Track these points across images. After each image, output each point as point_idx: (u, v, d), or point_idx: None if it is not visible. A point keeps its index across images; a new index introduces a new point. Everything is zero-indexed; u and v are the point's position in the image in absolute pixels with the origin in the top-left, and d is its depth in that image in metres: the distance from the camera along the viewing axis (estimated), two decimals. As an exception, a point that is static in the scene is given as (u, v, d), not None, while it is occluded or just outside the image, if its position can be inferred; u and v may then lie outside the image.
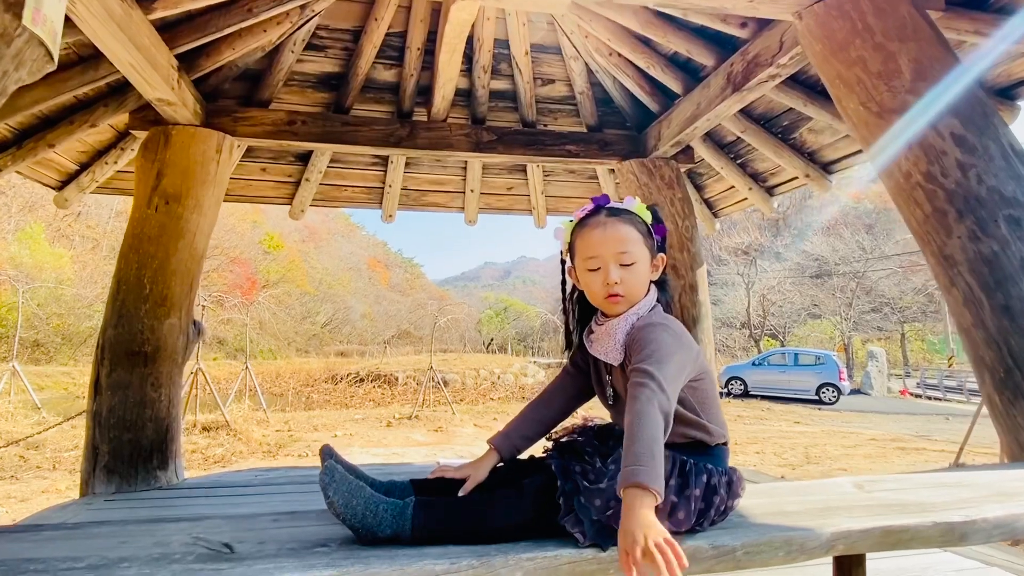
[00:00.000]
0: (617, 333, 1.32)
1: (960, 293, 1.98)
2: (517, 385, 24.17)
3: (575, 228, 1.42)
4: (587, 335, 1.44)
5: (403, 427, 10.82)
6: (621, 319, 1.33)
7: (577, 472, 1.22)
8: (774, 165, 4.15)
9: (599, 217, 1.37)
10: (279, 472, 3.97)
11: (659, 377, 1.14)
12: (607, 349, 1.34)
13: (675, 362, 1.19)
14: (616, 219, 1.36)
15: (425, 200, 4.72)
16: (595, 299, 1.37)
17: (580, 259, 1.38)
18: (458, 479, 1.36)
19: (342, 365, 30.11)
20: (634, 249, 1.34)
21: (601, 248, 1.33)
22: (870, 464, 8.06)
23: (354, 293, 54.45)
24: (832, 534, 1.23)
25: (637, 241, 1.35)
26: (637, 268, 1.33)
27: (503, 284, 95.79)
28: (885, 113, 2.08)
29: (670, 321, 1.31)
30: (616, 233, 1.33)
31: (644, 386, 1.13)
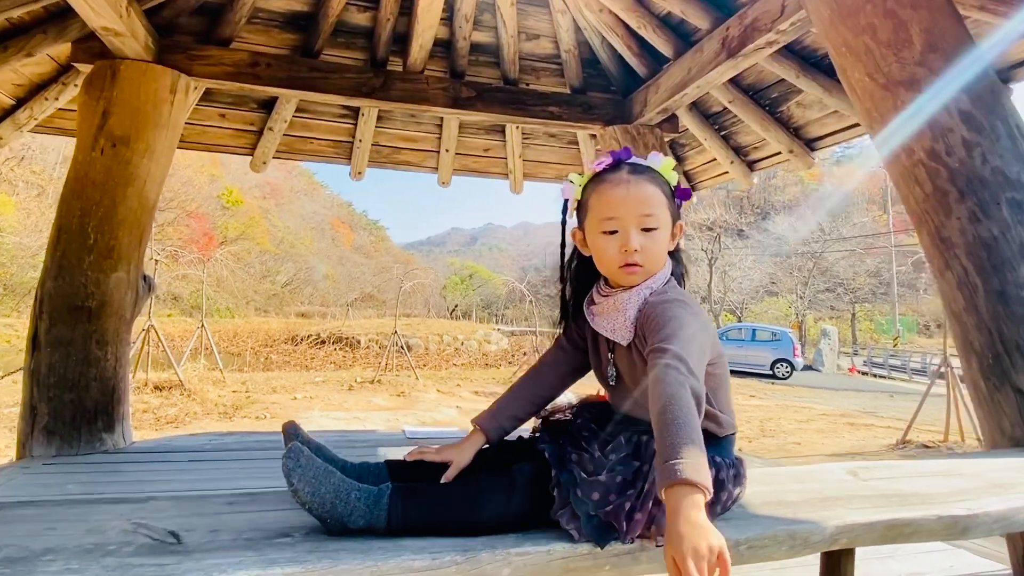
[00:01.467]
0: (627, 308, 1.19)
1: (954, 276, 1.92)
2: (480, 352, 24.20)
3: (588, 183, 1.27)
4: (587, 306, 1.31)
5: (365, 391, 10.67)
6: (633, 292, 1.20)
7: (573, 461, 1.11)
8: (758, 139, 4.06)
9: (620, 173, 1.21)
10: (235, 437, 3.80)
11: (687, 358, 1.01)
12: (614, 325, 1.21)
13: (697, 343, 1.07)
14: (641, 177, 1.20)
15: (397, 158, 4.49)
16: (607, 266, 1.22)
17: (593, 219, 1.22)
18: (438, 463, 1.24)
19: (303, 326, 29.61)
20: (658, 212, 1.19)
21: (622, 208, 1.17)
22: (823, 439, 8.29)
23: (316, 253, 53.39)
24: (836, 527, 1.16)
25: (661, 204, 1.20)
26: (659, 235, 1.19)
27: (469, 250, 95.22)
28: (892, 85, 1.98)
29: (687, 297, 1.18)
30: (640, 192, 1.18)
31: (672, 368, 0.99)
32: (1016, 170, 1.84)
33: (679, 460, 0.88)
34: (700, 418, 0.99)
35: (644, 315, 1.16)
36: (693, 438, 0.92)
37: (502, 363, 21.21)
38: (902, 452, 7.39)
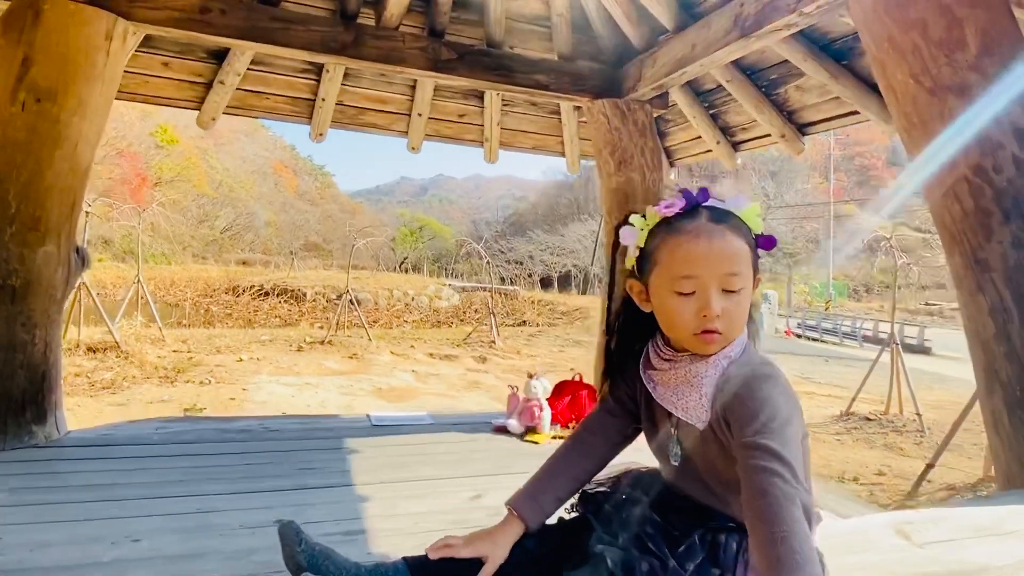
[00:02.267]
0: (703, 383, 1.00)
1: (987, 301, 1.82)
2: (431, 308, 23.92)
3: (656, 228, 1.05)
4: (644, 369, 1.11)
5: (315, 352, 10.31)
6: (709, 364, 1.01)
7: (644, 572, 0.93)
8: (747, 120, 3.89)
9: (699, 222, 1.00)
10: (184, 425, 3.49)
11: (791, 460, 0.85)
12: (687, 404, 1.02)
13: (797, 434, 0.90)
14: (724, 227, 1.00)
15: (362, 120, 4.10)
16: (679, 332, 1.03)
17: (663, 276, 1.02)
18: (468, 558, 1.04)
19: (244, 275, 28.45)
20: (743, 271, 1.00)
21: (702, 266, 0.98)
22: (771, 408, 8.55)
23: (258, 199, 51.08)
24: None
25: (746, 260, 1.01)
26: (742, 297, 1.00)
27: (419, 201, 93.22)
28: (940, 90, 1.82)
29: (774, 370, 0.99)
30: (725, 248, 0.99)
31: (775, 474, 0.83)
32: (1065, 194, 1.72)
33: None
34: (815, 538, 0.83)
35: (727, 394, 0.97)
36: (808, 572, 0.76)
37: (454, 320, 21.04)
38: (845, 423, 7.70)
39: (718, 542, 0.95)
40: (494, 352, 11.75)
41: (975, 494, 5.17)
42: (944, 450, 5.13)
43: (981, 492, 5.15)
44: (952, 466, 5.73)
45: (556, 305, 25.58)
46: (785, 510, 0.81)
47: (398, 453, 3.21)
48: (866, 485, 5.39)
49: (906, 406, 7.67)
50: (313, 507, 2.47)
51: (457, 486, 2.78)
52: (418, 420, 3.88)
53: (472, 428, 3.74)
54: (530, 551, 1.08)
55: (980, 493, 5.15)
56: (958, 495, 5.17)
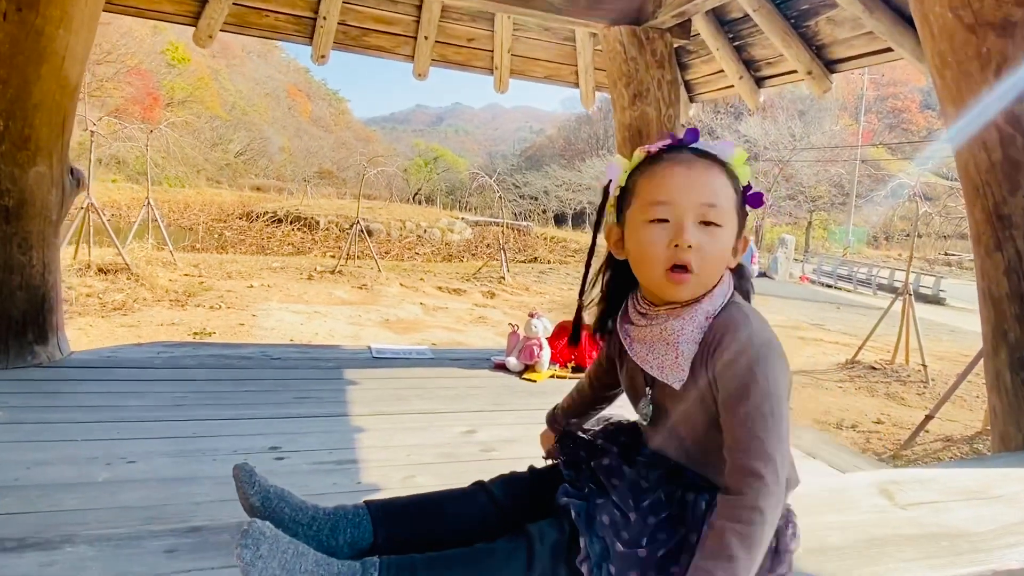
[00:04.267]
0: (679, 341, 0.94)
1: (1004, 259, 1.73)
2: (443, 241, 23.87)
3: (640, 165, 0.98)
4: (621, 323, 1.06)
5: (325, 282, 10.37)
6: (686, 320, 0.94)
7: (606, 524, 0.91)
8: (773, 54, 3.66)
9: (682, 154, 0.94)
10: (186, 349, 3.53)
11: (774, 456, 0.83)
12: (662, 362, 0.96)
13: (786, 414, 0.86)
14: (707, 161, 0.94)
15: (366, 41, 3.91)
16: (648, 269, 0.95)
17: (638, 206, 0.95)
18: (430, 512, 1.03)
19: (258, 201, 28.44)
20: (725, 205, 0.93)
21: (680, 193, 0.91)
22: (777, 354, 8.54)
23: (271, 123, 50.40)
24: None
25: (728, 199, 0.94)
26: (722, 235, 0.93)
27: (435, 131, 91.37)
28: (980, 27, 1.66)
29: (769, 332, 0.92)
30: (705, 177, 0.92)
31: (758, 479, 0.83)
32: (1104, 146, 1.59)
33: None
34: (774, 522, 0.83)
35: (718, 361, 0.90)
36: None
37: (465, 255, 21.03)
38: (850, 372, 7.69)
39: (686, 500, 0.92)
40: (503, 288, 11.76)
41: (971, 447, 5.18)
42: (945, 402, 5.11)
43: (977, 445, 5.17)
44: (952, 418, 5.73)
45: (569, 243, 25.42)
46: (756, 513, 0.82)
47: (397, 386, 3.24)
48: (863, 433, 5.41)
49: (913, 356, 7.62)
50: (307, 435, 2.51)
51: (452, 420, 2.81)
52: (418, 353, 3.90)
53: (471, 364, 3.76)
54: (497, 499, 1.06)
55: (976, 446, 5.17)
56: (954, 447, 5.20)
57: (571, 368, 3.70)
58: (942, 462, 4.45)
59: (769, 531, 0.83)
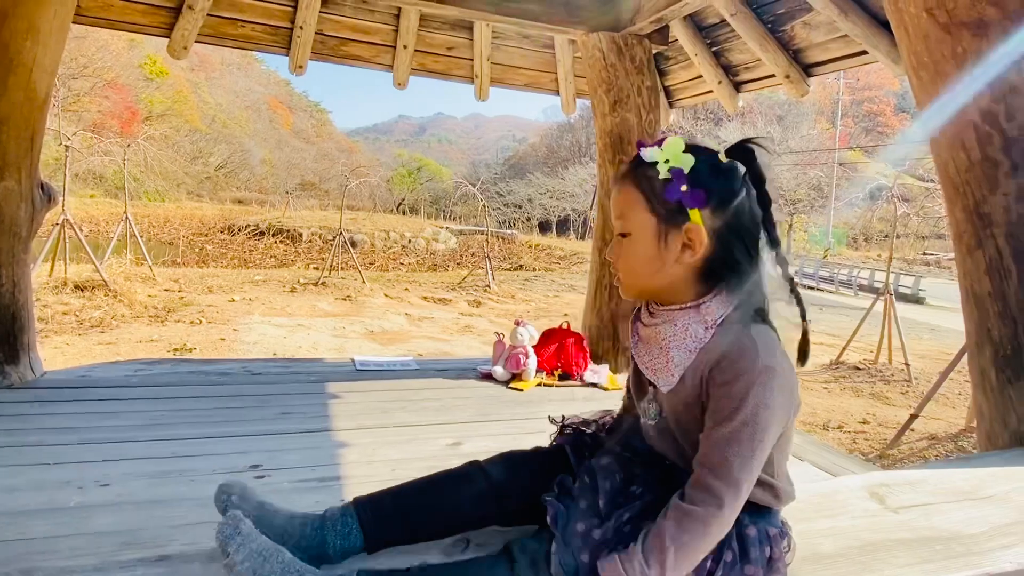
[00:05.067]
0: (670, 347, 0.93)
1: (985, 258, 1.73)
2: (428, 251, 23.80)
3: None
4: (634, 321, 1.06)
5: (309, 294, 10.27)
6: (678, 327, 0.94)
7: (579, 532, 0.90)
8: (751, 59, 3.68)
9: (622, 170, 1.00)
10: (165, 367, 3.45)
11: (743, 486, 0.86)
12: (656, 364, 0.96)
13: (765, 446, 0.86)
14: (625, 178, 0.98)
15: (345, 51, 3.87)
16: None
17: None
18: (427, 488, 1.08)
19: (240, 214, 28.19)
20: (629, 214, 0.96)
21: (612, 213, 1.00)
22: (762, 356, 8.57)
23: (252, 135, 50.07)
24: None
25: (635, 204, 0.95)
26: (633, 243, 0.97)
27: (417, 141, 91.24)
28: (955, 26, 1.67)
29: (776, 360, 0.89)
30: (617, 198, 0.99)
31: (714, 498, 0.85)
32: (1079, 144, 1.60)
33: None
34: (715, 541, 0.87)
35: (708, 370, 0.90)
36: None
37: (450, 264, 20.98)
38: (835, 372, 7.74)
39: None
40: (488, 296, 11.72)
41: (956, 444, 5.23)
42: (929, 401, 5.15)
43: (961, 443, 5.21)
44: (935, 416, 5.78)
45: (554, 249, 25.48)
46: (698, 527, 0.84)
47: (381, 399, 3.19)
48: (849, 433, 5.44)
49: (896, 356, 7.70)
50: (289, 452, 2.45)
51: (437, 432, 2.76)
52: (403, 365, 3.85)
53: (457, 374, 3.71)
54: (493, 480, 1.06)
55: (960, 444, 5.21)
56: (939, 445, 5.24)
57: (558, 376, 3.67)
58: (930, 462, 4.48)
59: (706, 548, 0.85)
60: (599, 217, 3.80)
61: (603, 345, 3.96)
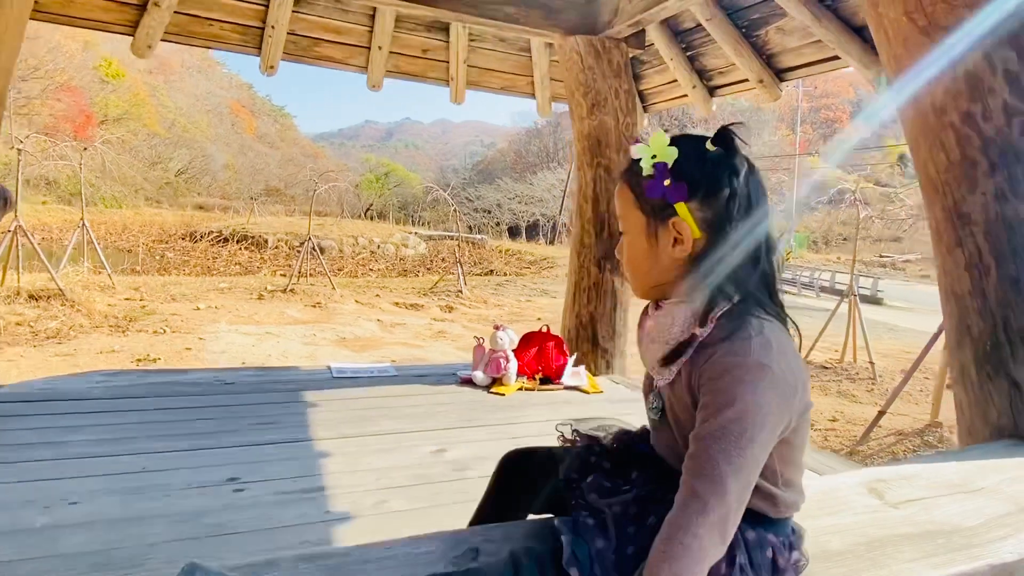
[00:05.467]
0: (667, 340, 0.94)
1: (965, 256, 1.77)
2: (398, 256, 23.57)
3: None
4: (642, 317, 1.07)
5: (277, 301, 10.05)
6: (674, 318, 0.94)
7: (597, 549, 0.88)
8: (725, 63, 3.74)
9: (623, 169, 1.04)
10: (128, 378, 3.30)
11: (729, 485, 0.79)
12: (653, 356, 0.96)
13: (756, 448, 0.81)
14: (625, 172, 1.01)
15: (317, 52, 3.80)
16: None
17: None
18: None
19: (202, 221, 27.50)
20: (624, 212, 1.00)
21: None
22: (732, 357, 8.70)
23: (214, 140, 48.92)
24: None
25: (627, 202, 0.98)
26: (629, 240, 1.00)
27: (385, 146, 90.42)
28: (933, 29, 1.71)
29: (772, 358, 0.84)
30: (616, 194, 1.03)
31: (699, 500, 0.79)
32: (1054, 145, 1.66)
33: None
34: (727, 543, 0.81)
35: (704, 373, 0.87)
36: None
37: (421, 269, 20.82)
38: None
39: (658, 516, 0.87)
40: (461, 301, 11.65)
41: (922, 439, 5.38)
42: (896, 398, 5.30)
43: (927, 437, 5.37)
44: (901, 412, 5.94)
45: (524, 254, 25.49)
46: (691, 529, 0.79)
47: (361, 406, 3.12)
48: (820, 431, 5.55)
49: (859, 355, 7.90)
50: (269, 464, 2.37)
51: (420, 440, 2.70)
52: (381, 371, 3.78)
53: (437, 380, 3.66)
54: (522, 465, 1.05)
55: (926, 439, 5.36)
56: (907, 440, 5.38)
57: (539, 380, 3.65)
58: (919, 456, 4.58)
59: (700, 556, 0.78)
60: (577, 221, 3.80)
61: (582, 348, 3.95)
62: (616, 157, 3.67)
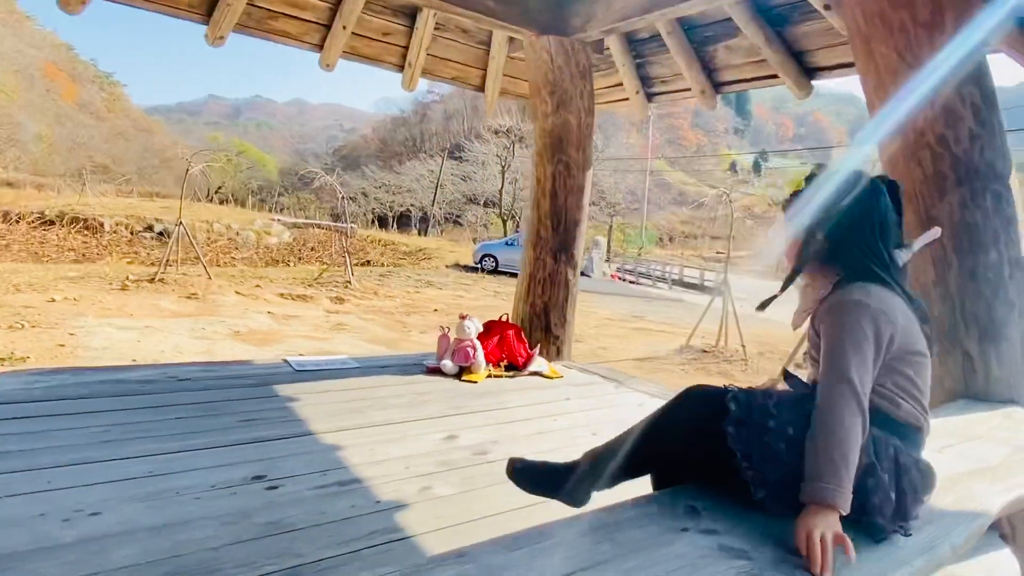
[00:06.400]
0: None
1: (932, 253, 2.18)
2: (260, 245, 22.06)
3: None
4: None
5: (145, 292, 9.04)
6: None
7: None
8: (669, 72, 4.08)
9: None
10: (64, 378, 2.84)
11: (834, 374, 1.16)
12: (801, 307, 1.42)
13: (862, 353, 1.17)
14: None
15: (272, 25, 3.54)
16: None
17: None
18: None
19: (15, 199, 23.59)
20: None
21: None
22: (622, 344, 9.39)
23: (24, 107, 42.15)
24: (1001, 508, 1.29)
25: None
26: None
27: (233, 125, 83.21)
28: (919, 67, 2.09)
29: (860, 295, 1.24)
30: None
31: (827, 388, 1.16)
32: (1001, 165, 2.10)
33: (820, 484, 1.08)
34: (865, 429, 1.14)
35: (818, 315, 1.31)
36: (836, 461, 1.09)
37: (290, 259, 19.71)
38: (687, 355, 8.74)
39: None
40: (351, 293, 11.27)
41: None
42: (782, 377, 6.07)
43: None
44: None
45: (398, 245, 25.05)
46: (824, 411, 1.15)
47: (342, 399, 3.02)
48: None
49: (731, 341, 8.90)
50: (286, 459, 2.25)
51: (424, 428, 2.70)
52: (342, 364, 3.66)
53: (402, 370, 3.62)
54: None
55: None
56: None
57: (504, 367, 3.75)
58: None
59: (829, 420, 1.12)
60: (534, 214, 3.94)
61: (535, 336, 4.11)
62: (576, 155, 3.86)
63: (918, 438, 1.27)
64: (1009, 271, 2.09)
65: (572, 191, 3.92)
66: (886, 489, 1.14)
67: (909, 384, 1.26)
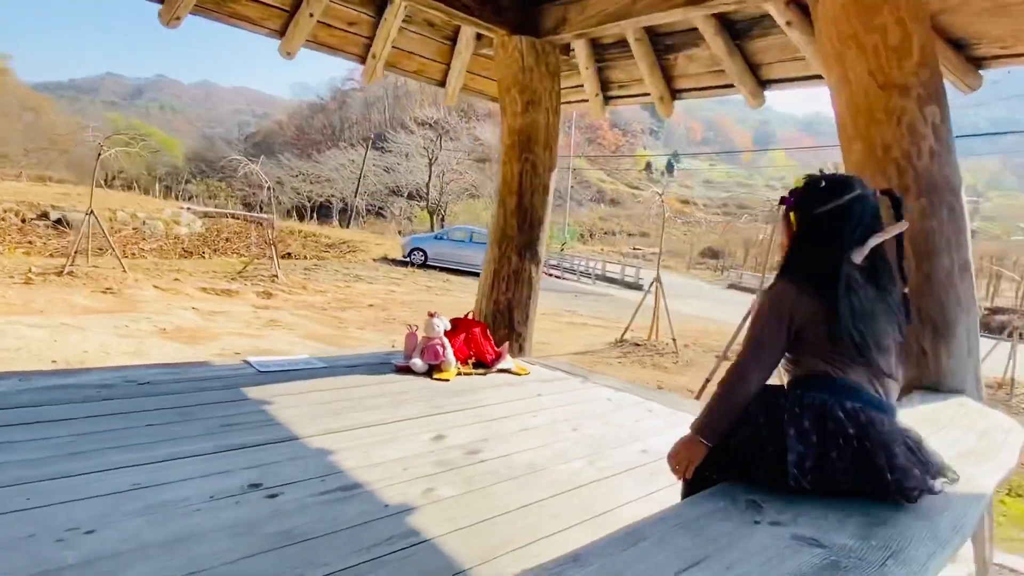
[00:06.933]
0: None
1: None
2: (171, 235, 20.67)
3: None
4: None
5: (52, 286, 8.29)
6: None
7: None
8: (628, 78, 4.21)
9: None
10: (11, 384, 2.61)
11: (740, 358, 1.46)
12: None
13: (751, 337, 1.47)
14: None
15: (231, 8, 3.34)
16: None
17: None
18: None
19: None
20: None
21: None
22: (560, 338, 9.55)
23: None
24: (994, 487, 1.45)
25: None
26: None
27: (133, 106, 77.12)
28: (889, 87, 2.28)
29: (771, 290, 1.51)
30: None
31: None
32: (955, 180, 2.34)
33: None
34: (735, 395, 1.42)
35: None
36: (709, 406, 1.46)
37: (204, 250, 18.61)
38: (621, 348, 9.04)
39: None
40: (279, 287, 10.82)
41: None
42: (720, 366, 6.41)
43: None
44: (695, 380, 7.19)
45: (319, 237, 24.18)
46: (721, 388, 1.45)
47: (318, 400, 2.93)
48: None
49: (662, 335, 9.28)
50: (279, 465, 2.18)
51: (410, 428, 2.68)
52: (306, 364, 3.53)
53: (371, 370, 3.55)
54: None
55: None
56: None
57: (472, 364, 3.75)
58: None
59: (722, 393, 1.44)
60: (500, 212, 3.97)
61: (499, 332, 4.14)
62: (543, 154, 3.91)
63: (850, 390, 1.42)
64: (960, 274, 2.34)
65: (538, 190, 3.97)
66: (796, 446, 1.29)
67: (811, 352, 1.46)
